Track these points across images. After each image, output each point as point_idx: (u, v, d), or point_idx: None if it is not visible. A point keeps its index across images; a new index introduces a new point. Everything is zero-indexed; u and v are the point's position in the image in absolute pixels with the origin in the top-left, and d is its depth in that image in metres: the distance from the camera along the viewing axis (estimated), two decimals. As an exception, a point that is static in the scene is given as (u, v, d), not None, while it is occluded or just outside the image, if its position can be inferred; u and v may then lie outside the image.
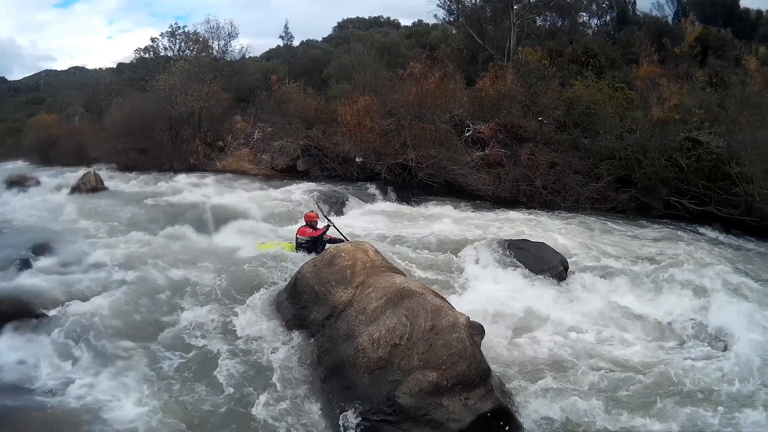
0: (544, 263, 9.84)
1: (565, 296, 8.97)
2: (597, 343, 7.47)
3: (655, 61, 19.16)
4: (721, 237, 14.87)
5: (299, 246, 9.76)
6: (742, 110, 16.04)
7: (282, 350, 6.47)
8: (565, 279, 9.72)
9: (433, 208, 15.25)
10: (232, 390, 5.75)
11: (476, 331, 5.87)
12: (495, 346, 6.97)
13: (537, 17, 26.63)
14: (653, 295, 9.21)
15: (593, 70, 19.34)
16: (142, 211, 14.36)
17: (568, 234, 13.09)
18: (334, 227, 9.89)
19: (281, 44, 32.31)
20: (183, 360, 6.33)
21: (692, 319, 8.37)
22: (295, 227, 12.64)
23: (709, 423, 5.77)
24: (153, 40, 38.04)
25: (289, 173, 19.85)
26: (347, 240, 9.48)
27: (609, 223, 14.63)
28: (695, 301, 8.89)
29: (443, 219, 13.91)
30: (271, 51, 32.40)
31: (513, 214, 14.70)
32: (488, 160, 16.02)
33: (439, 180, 15.94)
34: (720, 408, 6.00)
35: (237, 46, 38.85)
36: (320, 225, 9.89)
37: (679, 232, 14.59)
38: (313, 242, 9.69)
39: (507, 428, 5.27)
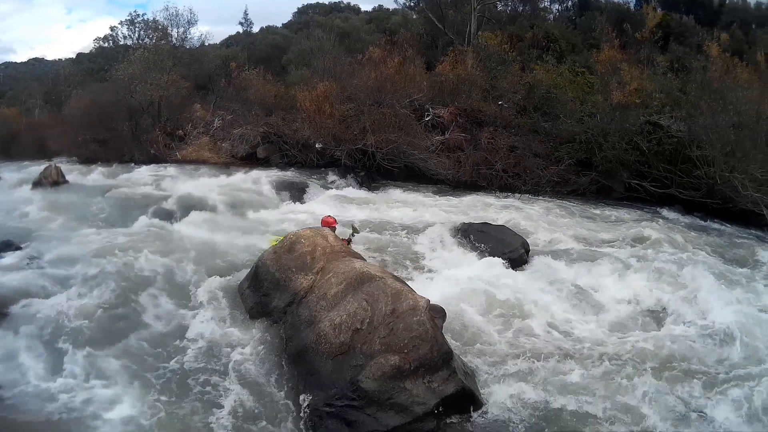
0: (505, 246, 9.85)
1: (527, 278, 8.96)
2: (558, 323, 7.52)
3: (616, 47, 19.18)
4: (683, 219, 15.08)
5: None
6: (702, 95, 16.22)
7: (245, 339, 6.40)
8: (526, 261, 9.78)
9: (393, 193, 15.13)
10: (195, 380, 5.70)
11: (437, 314, 5.86)
12: (457, 328, 7.02)
13: (498, 2, 26.56)
14: (614, 276, 9.27)
15: (554, 54, 19.33)
16: (104, 204, 13.87)
17: (528, 217, 13.13)
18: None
19: (241, 31, 32.08)
20: (147, 352, 6.22)
21: (656, 299, 8.46)
22: (261, 215, 12.49)
23: (673, 399, 5.86)
24: (112, 28, 36.97)
25: (250, 161, 19.45)
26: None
27: (570, 206, 14.67)
28: (657, 281, 9.00)
29: (403, 204, 13.81)
30: (230, 38, 31.86)
31: (473, 197, 14.67)
32: (448, 144, 15.92)
33: (399, 165, 15.78)
34: (683, 383, 6.15)
35: (196, 33, 38.11)
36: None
37: (641, 214, 14.75)
38: None
39: (471, 409, 5.33)
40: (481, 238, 10.18)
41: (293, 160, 18.00)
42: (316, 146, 17.19)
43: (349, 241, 8.76)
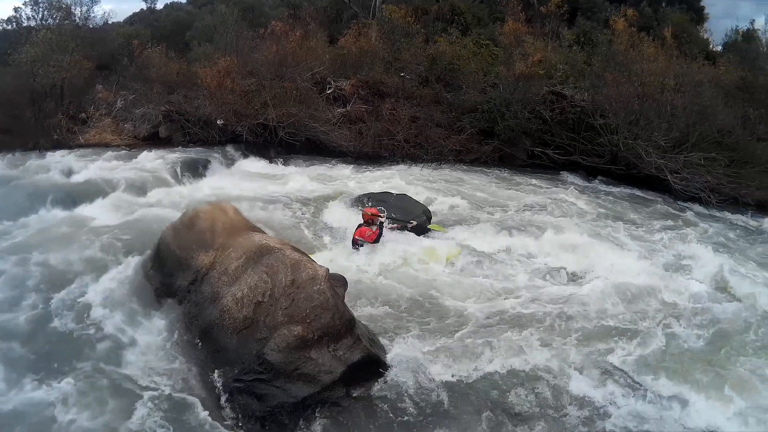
0: (408, 214, 9.96)
1: (429, 244, 9.09)
2: (459, 286, 7.75)
3: (522, 20, 19.44)
4: (586, 183, 15.75)
5: (356, 245, 8.73)
6: (607, 67, 16.71)
7: (152, 321, 6.29)
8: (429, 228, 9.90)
9: (295, 167, 14.99)
10: (102, 369, 5.53)
11: (338, 282, 5.87)
12: (362, 296, 7.09)
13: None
14: (516, 239, 9.57)
15: (458, 27, 19.44)
16: (4, 196, 13.01)
17: (431, 185, 13.41)
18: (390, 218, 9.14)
19: (144, 7, 30.73)
20: (53, 343, 6.09)
21: (558, 260, 8.83)
22: (164, 195, 11.99)
23: (580, 355, 6.14)
24: (16, 9, 34.65)
25: (152, 141, 18.63)
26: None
27: (472, 174, 14.97)
28: (561, 244, 9.33)
29: (305, 177, 13.69)
30: (134, 15, 30.39)
31: (376, 168, 14.74)
32: (350, 116, 15.81)
33: (301, 138, 15.53)
34: (588, 341, 6.47)
35: (99, 11, 36.20)
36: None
37: (543, 180, 15.21)
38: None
39: (379, 375, 5.44)
40: (384, 207, 10.15)
41: (195, 138, 17.33)
42: (218, 123, 16.63)
43: (380, 229, 8.60)
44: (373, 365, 5.44)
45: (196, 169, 14.48)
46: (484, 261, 8.70)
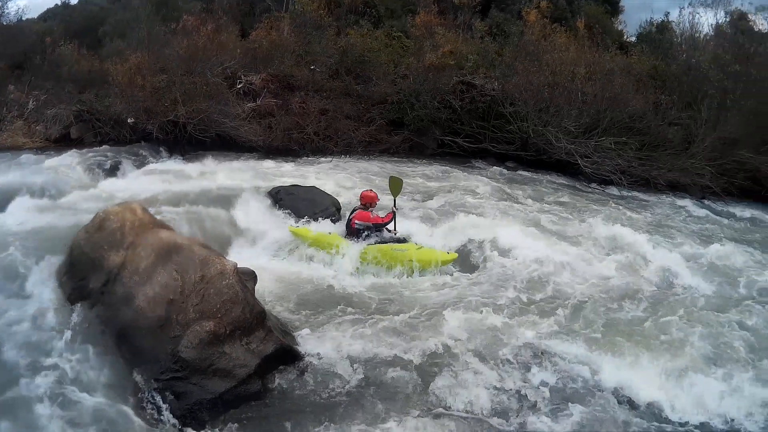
0: (316, 206, 10.15)
1: (339, 233, 9.07)
2: (369, 274, 7.95)
3: (434, 12, 19.82)
4: (495, 169, 16.13)
5: (352, 233, 8.46)
6: (517, 57, 17.22)
7: (67, 327, 5.95)
8: (339, 219, 10.03)
9: (205, 164, 14.79)
10: (14, 383, 5.12)
11: (247, 276, 5.90)
12: (273, 288, 7.15)
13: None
14: (425, 224, 9.80)
15: (371, 20, 19.68)
16: None
17: (339, 177, 13.55)
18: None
19: (59, 2, 29.66)
20: None
21: (469, 242, 9.06)
22: (76, 197, 11.56)
23: (489, 334, 6.31)
24: (-68, 9, 32.94)
25: (64, 142, 18.21)
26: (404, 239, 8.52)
27: (382, 165, 15.25)
28: (469, 225, 9.65)
29: (216, 173, 13.58)
30: (49, 11, 29.37)
31: (285, 162, 14.83)
32: (260, 110, 15.85)
33: (211, 134, 15.49)
34: (495, 315, 6.68)
35: (14, 7, 34.57)
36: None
37: (454, 168, 15.63)
38: (375, 229, 8.41)
39: (294, 366, 5.54)
40: (291, 200, 10.43)
41: (107, 137, 17.03)
42: (128, 121, 16.43)
43: (392, 220, 8.44)
44: (288, 356, 5.56)
45: (107, 170, 14.24)
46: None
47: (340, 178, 13.32)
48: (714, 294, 7.79)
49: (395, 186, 8.97)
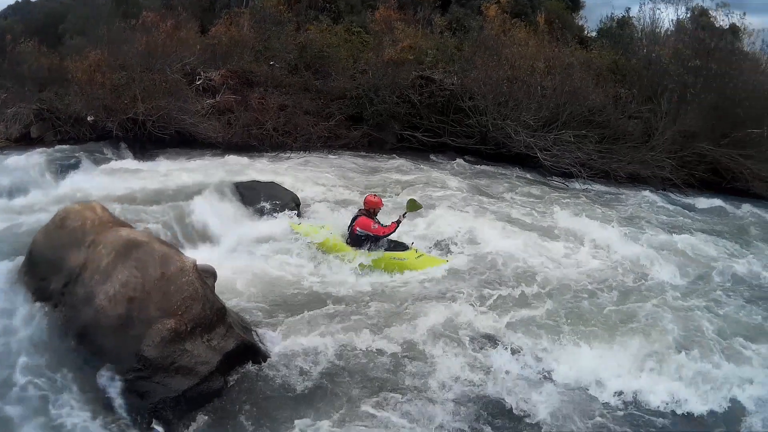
0: (276, 201, 10.34)
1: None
2: (331, 273, 8.08)
3: (393, 6, 20.00)
4: (456, 164, 16.32)
5: (354, 239, 8.35)
6: (477, 51, 17.47)
7: (27, 329, 5.92)
8: (299, 214, 10.32)
9: (165, 161, 14.84)
10: None
11: (207, 273, 5.92)
12: (233, 285, 7.23)
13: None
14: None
15: (331, 15, 19.83)
16: None
17: (299, 173, 13.72)
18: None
19: (20, -1, 29.34)
20: None
21: (440, 234, 9.46)
22: (34, 198, 11.45)
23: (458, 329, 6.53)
24: None
25: (25, 142, 18.11)
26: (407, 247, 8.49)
27: (341, 159, 15.48)
28: (431, 219, 10.03)
29: (175, 170, 13.65)
30: (9, 7, 29.02)
31: (245, 158, 14.88)
32: (219, 107, 15.95)
33: (170, 131, 15.55)
34: (461, 305, 6.98)
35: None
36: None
37: (414, 162, 15.88)
38: (374, 240, 8.26)
39: (256, 362, 5.60)
40: (252, 195, 10.59)
41: (67, 136, 16.95)
42: (88, 119, 16.40)
43: (395, 230, 8.31)
44: (250, 353, 5.62)
45: (66, 170, 14.06)
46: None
47: (298, 174, 13.49)
48: (684, 283, 8.23)
49: (412, 206, 8.81)
